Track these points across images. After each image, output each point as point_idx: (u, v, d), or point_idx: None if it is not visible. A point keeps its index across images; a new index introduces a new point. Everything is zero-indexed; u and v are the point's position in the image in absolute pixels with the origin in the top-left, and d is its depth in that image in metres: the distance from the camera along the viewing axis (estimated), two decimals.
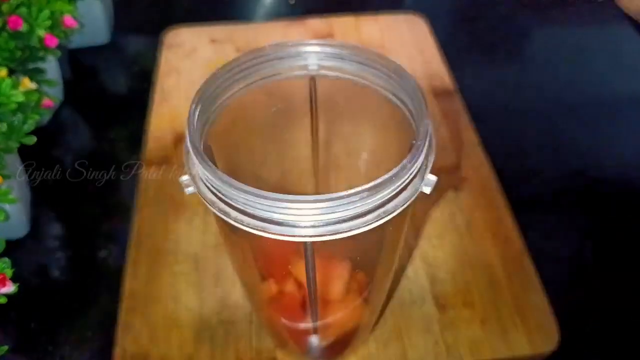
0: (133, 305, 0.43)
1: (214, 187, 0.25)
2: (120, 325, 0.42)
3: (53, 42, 0.50)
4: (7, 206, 0.44)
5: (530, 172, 0.54)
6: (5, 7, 0.48)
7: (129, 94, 0.64)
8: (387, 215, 0.25)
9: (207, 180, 0.25)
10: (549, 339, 0.41)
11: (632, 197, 0.53)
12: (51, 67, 0.54)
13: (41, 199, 0.51)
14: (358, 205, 0.24)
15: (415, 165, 0.25)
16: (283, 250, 0.32)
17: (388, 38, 0.66)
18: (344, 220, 0.24)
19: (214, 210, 0.25)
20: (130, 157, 0.55)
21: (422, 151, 0.25)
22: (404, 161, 0.25)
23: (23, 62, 0.50)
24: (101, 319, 0.44)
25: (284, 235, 0.24)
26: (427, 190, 0.26)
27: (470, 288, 0.44)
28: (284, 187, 0.41)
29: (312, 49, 0.31)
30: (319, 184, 0.40)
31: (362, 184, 0.23)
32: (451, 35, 0.71)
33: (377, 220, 0.24)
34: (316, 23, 0.69)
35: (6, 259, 0.36)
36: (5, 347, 0.35)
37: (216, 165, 0.26)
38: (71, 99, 0.61)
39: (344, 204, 0.23)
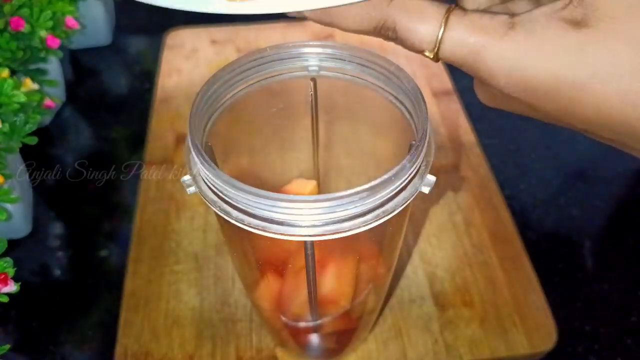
0: (134, 304, 0.43)
1: (215, 187, 0.25)
2: (121, 324, 0.42)
3: (55, 42, 0.51)
4: (9, 206, 0.44)
5: (528, 172, 0.55)
6: (7, 8, 0.48)
7: (130, 94, 0.65)
8: (386, 215, 0.25)
9: (208, 180, 0.26)
10: (547, 337, 0.41)
11: (631, 197, 0.53)
12: (53, 67, 0.55)
13: (42, 199, 0.52)
14: (358, 205, 0.24)
15: (415, 166, 0.25)
16: (284, 250, 0.32)
17: None
18: (344, 220, 0.24)
19: (215, 210, 0.26)
20: (130, 157, 0.55)
21: (421, 151, 0.26)
22: (403, 161, 0.25)
23: (25, 63, 0.50)
24: (102, 318, 0.44)
25: (284, 234, 0.24)
26: (426, 190, 0.26)
27: (470, 287, 0.44)
28: (284, 187, 0.41)
29: (312, 50, 0.31)
30: (319, 184, 0.40)
31: (362, 184, 0.24)
32: None
33: (376, 220, 0.25)
34: (316, 24, 0.69)
35: (8, 259, 0.36)
36: (7, 346, 0.35)
37: (217, 165, 0.26)
38: (73, 100, 0.62)
39: (344, 204, 0.24)
